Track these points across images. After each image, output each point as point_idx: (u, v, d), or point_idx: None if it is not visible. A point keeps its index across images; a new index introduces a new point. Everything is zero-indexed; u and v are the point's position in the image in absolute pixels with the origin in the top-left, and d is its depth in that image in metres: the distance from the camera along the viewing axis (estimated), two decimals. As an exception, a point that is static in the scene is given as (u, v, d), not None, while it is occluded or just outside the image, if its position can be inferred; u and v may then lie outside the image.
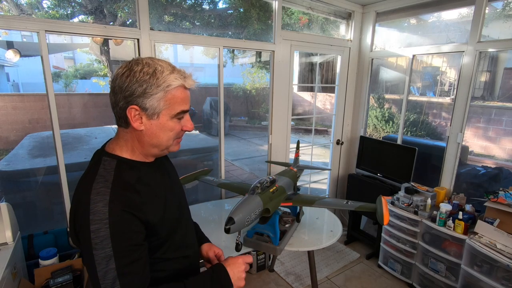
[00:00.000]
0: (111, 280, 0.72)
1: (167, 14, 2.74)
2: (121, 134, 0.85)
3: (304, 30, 3.35)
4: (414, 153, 2.71)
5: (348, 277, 2.76)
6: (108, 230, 0.72)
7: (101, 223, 0.72)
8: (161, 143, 0.84)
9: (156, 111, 0.79)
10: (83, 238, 0.75)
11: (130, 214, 0.76)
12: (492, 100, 4.53)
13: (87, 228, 0.73)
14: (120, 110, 0.79)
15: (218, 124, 2.65)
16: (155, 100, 0.78)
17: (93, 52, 5.50)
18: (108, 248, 0.72)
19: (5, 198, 2.85)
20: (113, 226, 0.73)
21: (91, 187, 0.77)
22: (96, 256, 0.72)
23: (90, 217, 0.73)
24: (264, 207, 1.61)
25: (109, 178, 0.78)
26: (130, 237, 0.76)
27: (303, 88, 10.70)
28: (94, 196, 0.75)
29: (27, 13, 2.91)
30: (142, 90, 0.76)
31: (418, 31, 3.45)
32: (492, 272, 1.97)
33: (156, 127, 0.81)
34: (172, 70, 0.80)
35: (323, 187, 3.73)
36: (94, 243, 0.72)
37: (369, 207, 1.70)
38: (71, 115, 6.15)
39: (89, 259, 0.73)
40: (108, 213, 0.73)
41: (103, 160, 0.83)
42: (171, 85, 0.78)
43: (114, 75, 0.80)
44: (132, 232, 0.76)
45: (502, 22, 3.00)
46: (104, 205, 0.74)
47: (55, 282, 1.61)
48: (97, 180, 0.78)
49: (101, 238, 0.72)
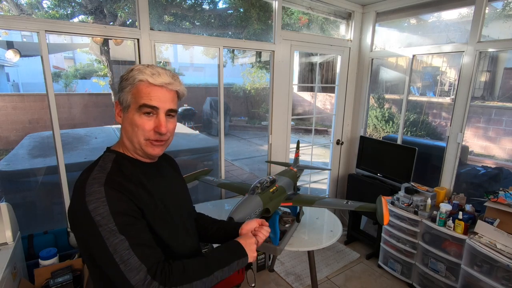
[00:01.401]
0: (125, 251, 0.73)
1: (167, 14, 2.74)
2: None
3: (304, 30, 3.35)
4: (414, 153, 2.71)
5: (348, 277, 2.76)
6: (107, 206, 0.74)
7: (99, 202, 0.75)
8: (132, 138, 0.87)
9: (126, 104, 0.85)
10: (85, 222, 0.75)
11: (126, 196, 0.79)
12: (492, 100, 4.53)
13: (86, 210, 0.74)
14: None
15: (218, 124, 2.65)
16: (125, 93, 0.85)
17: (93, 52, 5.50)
18: (111, 223, 0.73)
19: (5, 198, 2.85)
20: (110, 202, 0.75)
21: (88, 176, 0.81)
22: (103, 232, 0.73)
23: (86, 199, 0.75)
24: (264, 207, 1.62)
25: (107, 168, 0.83)
26: (129, 212, 0.77)
27: (303, 88, 10.69)
28: (90, 181, 0.78)
29: (27, 13, 2.90)
30: (120, 86, 0.86)
31: (418, 31, 3.45)
32: (492, 272, 1.97)
33: (126, 121, 0.87)
34: (145, 69, 0.84)
35: (323, 187, 3.73)
36: (97, 221, 0.73)
37: (369, 207, 1.70)
38: (71, 115, 6.15)
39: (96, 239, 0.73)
40: (104, 191, 0.76)
41: (104, 155, 0.90)
42: (136, 78, 0.83)
43: None
44: (130, 209, 0.78)
45: (502, 22, 3.00)
46: (100, 185, 0.77)
47: (55, 282, 1.61)
48: (95, 170, 0.83)
49: (102, 215, 0.74)
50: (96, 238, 0.73)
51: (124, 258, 0.72)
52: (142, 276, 0.73)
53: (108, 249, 0.72)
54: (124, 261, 0.72)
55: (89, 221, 0.73)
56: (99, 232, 0.73)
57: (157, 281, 0.74)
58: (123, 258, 0.72)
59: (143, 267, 0.73)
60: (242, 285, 2.63)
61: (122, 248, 0.73)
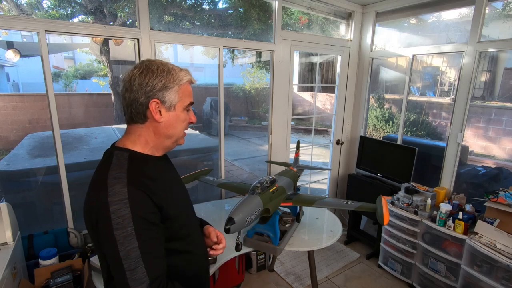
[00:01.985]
0: (135, 259, 0.74)
1: (167, 14, 2.74)
2: (133, 129, 0.91)
3: (304, 30, 3.35)
4: (414, 153, 2.71)
5: (348, 277, 2.76)
6: (128, 209, 0.75)
7: (121, 203, 0.76)
8: (175, 133, 0.92)
9: (172, 104, 0.89)
10: (102, 222, 0.76)
11: (146, 196, 0.80)
12: (492, 100, 4.54)
13: (107, 211, 0.75)
14: (140, 106, 0.86)
15: (218, 124, 2.65)
16: (172, 93, 0.88)
17: (93, 52, 5.50)
18: (130, 227, 0.75)
19: (5, 198, 2.85)
20: (133, 205, 0.76)
21: (107, 175, 0.81)
22: (118, 236, 0.74)
23: (108, 199, 0.76)
24: (264, 207, 1.62)
25: (124, 166, 0.84)
26: (148, 217, 0.79)
27: (303, 88, 10.69)
28: (111, 181, 0.79)
29: (27, 13, 2.90)
30: (162, 85, 0.86)
31: (418, 31, 3.46)
32: (492, 272, 1.97)
33: (173, 118, 0.90)
34: (181, 69, 0.92)
35: (323, 187, 3.73)
36: (115, 223, 0.74)
37: (369, 207, 1.70)
38: (71, 115, 6.15)
39: (109, 242, 0.75)
40: (128, 193, 0.77)
41: (115, 154, 0.87)
42: (182, 79, 0.89)
43: (129, 76, 0.87)
44: (149, 212, 0.80)
45: (502, 22, 3.00)
46: (123, 186, 0.78)
47: (55, 282, 1.61)
48: (111, 168, 0.82)
49: (122, 218, 0.75)
50: (110, 240, 0.75)
51: (132, 266, 0.74)
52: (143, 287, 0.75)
53: (119, 254, 0.74)
54: (131, 270, 0.74)
55: (108, 222, 0.75)
56: (114, 236, 0.74)
57: None
58: (131, 266, 0.74)
59: (146, 279, 0.75)
60: (242, 285, 2.63)
61: (133, 256, 0.74)
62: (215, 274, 2.40)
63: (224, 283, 2.48)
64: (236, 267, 2.53)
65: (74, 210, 2.06)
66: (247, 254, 2.72)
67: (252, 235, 1.88)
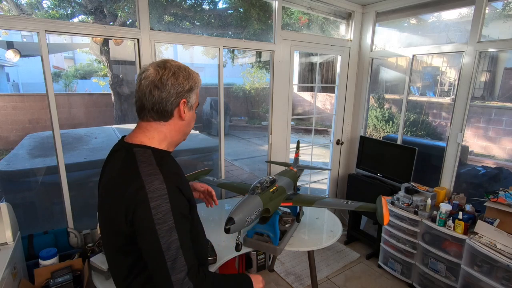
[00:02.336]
0: (175, 251, 0.79)
1: (167, 14, 2.74)
2: (152, 126, 0.93)
3: (304, 30, 3.35)
4: (414, 153, 2.71)
5: (348, 277, 2.76)
6: (168, 204, 0.80)
7: (161, 199, 0.79)
8: (189, 131, 1.01)
9: (192, 104, 0.97)
10: (142, 218, 0.79)
11: (179, 190, 0.86)
12: (492, 100, 4.54)
13: (147, 207, 0.78)
14: (170, 104, 0.90)
15: (218, 124, 2.65)
16: (194, 95, 0.96)
17: (93, 52, 5.50)
18: (170, 221, 0.79)
19: (5, 198, 2.85)
20: (172, 200, 0.81)
21: (138, 171, 0.83)
22: (160, 231, 0.78)
23: (148, 196, 0.79)
24: (264, 207, 1.62)
25: (153, 162, 0.86)
26: (183, 210, 0.85)
27: (303, 88, 10.70)
28: (146, 178, 0.82)
29: (27, 13, 2.91)
30: (189, 87, 0.93)
31: (418, 31, 3.46)
32: (492, 272, 1.97)
33: (191, 117, 0.98)
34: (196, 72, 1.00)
35: (323, 187, 3.73)
36: (157, 219, 0.78)
37: (369, 207, 1.70)
38: (71, 115, 6.15)
39: (151, 236, 0.79)
40: (167, 189, 0.81)
41: (135, 151, 0.89)
42: (199, 82, 0.98)
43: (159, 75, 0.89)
44: (184, 206, 0.86)
45: (502, 22, 3.00)
46: (160, 182, 0.81)
47: (55, 282, 1.61)
48: (141, 165, 0.85)
49: (163, 213, 0.79)
50: (152, 235, 0.78)
51: (172, 257, 0.79)
52: (182, 276, 0.79)
53: (161, 247, 0.78)
54: (172, 260, 0.79)
55: (149, 218, 0.78)
56: (156, 231, 0.78)
57: (192, 283, 0.80)
58: (171, 257, 0.79)
59: (185, 268, 0.80)
60: (242, 285, 2.63)
61: (174, 248, 0.79)
62: (215, 274, 2.39)
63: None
64: (236, 267, 2.53)
65: (74, 210, 2.06)
66: (247, 254, 2.72)
67: (252, 235, 1.88)
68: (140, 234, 0.81)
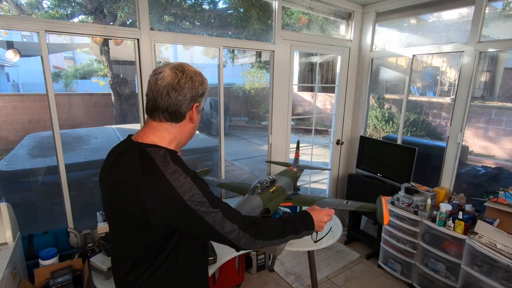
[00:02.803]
0: (220, 220, 0.90)
1: (167, 14, 2.74)
2: (164, 127, 0.96)
3: (304, 30, 3.35)
4: (414, 153, 2.71)
5: (348, 277, 2.76)
6: (200, 192, 0.87)
7: (192, 190, 0.86)
8: (194, 133, 1.05)
9: (201, 108, 1.01)
10: (182, 211, 0.86)
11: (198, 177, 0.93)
12: (492, 100, 4.54)
13: (182, 202, 0.84)
14: (185, 107, 0.94)
15: (218, 124, 2.65)
16: (204, 99, 1.00)
17: (93, 52, 5.50)
18: (206, 203, 0.87)
19: (5, 198, 2.85)
20: (201, 187, 0.88)
21: (160, 171, 0.86)
22: (201, 213, 0.86)
23: (179, 191, 0.84)
24: (264, 207, 1.61)
25: (169, 160, 0.90)
26: (208, 189, 0.92)
27: (303, 88, 10.70)
28: (170, 176, 0.86)
29: (27, 13, 2.91)
30: (202, 91, 0.97)
31: (418, 31, 3.46)
32: (492, 272, 1.97)
33: (198, 120, 1.03)
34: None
35: (323, 187, 3.73)
36: (195, 207, 0.86)
37: (369, 207, 1.70)
38: (71, 115, 6.15)
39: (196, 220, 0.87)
40: (192, 181, 0.87)
41: (149, 151, 0.91)
42: (208, 87, 1.01)
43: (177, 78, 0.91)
44: (207, 186, 0.93)
45: (502, 22, 3.00)
46: (185, 177, 0.87)
47: (55, 282, 1.61)
48: (159, 165, 0.88)
49: (198, 201, 0.86)
50: (196, 219, 0.87)
51: (221, 225, 0.89)
52: (236, 233, 0.92)
53: (208, 224, 0.88)
54: (222, 227, 0.90)
55: (188, 210, 0.85)
56: (199, 216, 0.86)
57: (248, 234, 0.94)
58: (220, 225, 0.89)
59: (235, 226, 0.92)
60: (242, 285, 2.63)
61: (218, 219, 0.89)
62: (215, 274, 2.40)
63: (224, 283, 2.48)
64: (236, 267, 2.53)
65: (74, 210, 2.06)
66: (247, 254, 2.72)
67: (252, 235, 1.88)
68: (188, 226, 0.89)
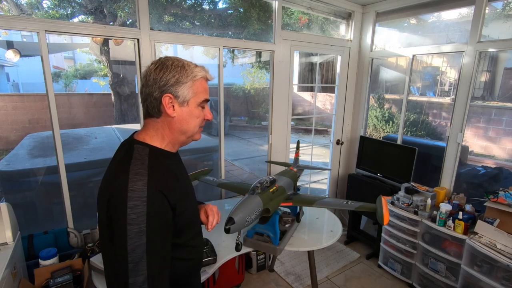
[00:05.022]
0: (140, 254, 0.77)
1: (167, 14, 2.74)
2: (151, 124, 0.93)
3: (304, 30, 3.35)
4: (414, 153, 2.71)
5: (348, 277, 2.76)
6: (145, 207, 0.78)
7: (139, 200, 0.78)
8: (189, 128, 0.94)
9: (186, 99, 0.90)
10: (118, 214, 0.79)
11: (163, 196, 0.83)
12: (492, 100, 4.54)
13: (124, 204, 0.77)
14: (154, 100, 0.88)
15: (218, 124, 2.65)
16: (186, 89, 0.89)
17: (93, 52, 5.50)
18: (143, 224, 0.77)
19: (5, 198, 2.85)
20: (150, 204, 0.79)
21: (129, 168, 0.82)
22: (130, 231, 0.77)
23: (128, 194, 0.78)
24: (264, 207, 1.61)
25: (145, 162, 0.85)
26: (161, 216, 0.82)
27: (303, 88, 10.70)
28: (132, 176, 0.81)
29: (27, 13, 2.91)
30: (175, 80, 0.88)
31: (418, 31, 3.46)
32: (492, 272, 1.97)
33: (186, 114, 0.91)
34: (196, 65, 0.93)
35: (323, 187, 3.73)
36: (130, 219, 0.77)
37: (369, 207, 1.70)
38: (71, 115, 6.15)
39: (121, 234, 0.78)
40: (147, 192, 0.79)
41: (135, 148, 0.89)
42: (197, 75, 0.91)
43: (145, 71, 0.90)
44: (164, 212, 0.83)
45: (502, 22, 3.00)
46: (143, 184, 0.80)
47: (55, 282, 1.61)
48: (133, 163, 0.84)
49: (137, 214, 0.77)
50: (122, 233, 0.77)
51: (136, 259, 0.77)
52: (141, 280, 0.77)
53: (127, 247, 0.77)
54: (134, 263, 0.77)
55: (123, 215, 0.77)
56: (127, 231, 0.77)
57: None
58: (135, 259, 0.77)
59: (145, 272, 0.78)
60: (242, 285, 2.63)
61: (139, 251, 0.77)
62: (215, 274, 2.40)
63: (224, 283, 2.48)
64: (236, 267, 2.53)
65: (74, 210, 2.06)
66: (247, 254, 2.72)
67: (252, 235, 1.88)
68: (113, 230, 0.80)
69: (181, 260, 0.97)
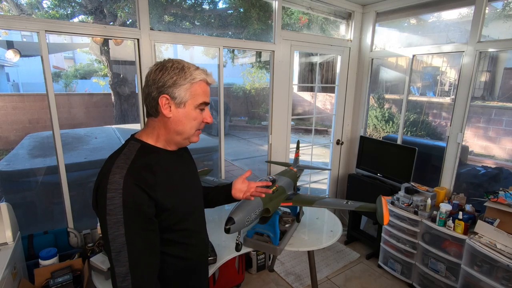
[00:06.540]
0: (120, 244, 0.82)
1: (167, 14, 2.74)
2: (149, 123, 0.97)
3: (304, 30, 3.35)
4: (414, 153, 2.71)
5: (348, 277, 2.76)
6: (121, 199, 0.82)
7: (116, 192, 0.82)
8: (185, 130, 0.95)
9: (183, 101, 0.92)
10: (100, 205, 0.84)
11: (141, 189, 0.85)
12: (492, 100, 4.54)
13: (104, 196, 0.82)
14: (153, 100, 0.91)
15: (218, 124, 2.65)
16: (183, 90, 0.91)
17: (93, 52, 5.50)
18: (120, 215, 0.82)
19: (5, 198, 2.85)
20: (125, 196, 0.82)
21: (114, 162, 0.87)
22: (109, 221, 0.82)
23: (108, 186, 0.83)
24: (264, 207, 1.61)
25: (130, 157, 0.89)
26: (140, 209, 0.85)
27: (303, 88, 10.70)
28: (114, 169, 0.85)
29: (27, 13, 2.91)
30: (173, 82, 0.90)
31: (418, 31, 3.46)
32: (492, 272, 1.97)
33: (182, 115, 0.93)
34: (197, 68, 0.95)
35: (323, 187, 3.73)
36: (109, 209, 0.82)
37: (369, 207, 1.70)
38: (71, 115, 6.16)
39: (103, 224, 0.83)
40: (123, 184, 0.83)
41: (129, 143, 0.94)
42: (195, 78, 0.92)
43: (148, 72, 0.93)
44: (142, 205, 0.85)
45: (502, 22, 3.00)
46: (120, 177, 0.84)
47: (55, 282, 1.61)
48: (120, 157, 0.89)
49: (114, 205, 0.82)
50: (103, 223, 0.83)
51: (117, 249, 0.82)
52: (124, 271, 0.82)
53: (108, 236, 0.82)
54: (117, 252, 0.82)
55: (104, 206, 0.82)
56: (106, 220, 0.82)
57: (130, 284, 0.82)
58: (116, 249, 0.82)
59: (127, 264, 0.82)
60: (242, 285, 2.63)
61: (119, 241, 0.82)
62: (215, 274, 2.40)
63: (224, 283, 2.48)
64: (236, 267, 2.53)
65: (74, 210, 2.06)
66: (247, 254, 2.72)
67: (252, 235, 1.88)
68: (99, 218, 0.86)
69: (175, 257, 0.99)
